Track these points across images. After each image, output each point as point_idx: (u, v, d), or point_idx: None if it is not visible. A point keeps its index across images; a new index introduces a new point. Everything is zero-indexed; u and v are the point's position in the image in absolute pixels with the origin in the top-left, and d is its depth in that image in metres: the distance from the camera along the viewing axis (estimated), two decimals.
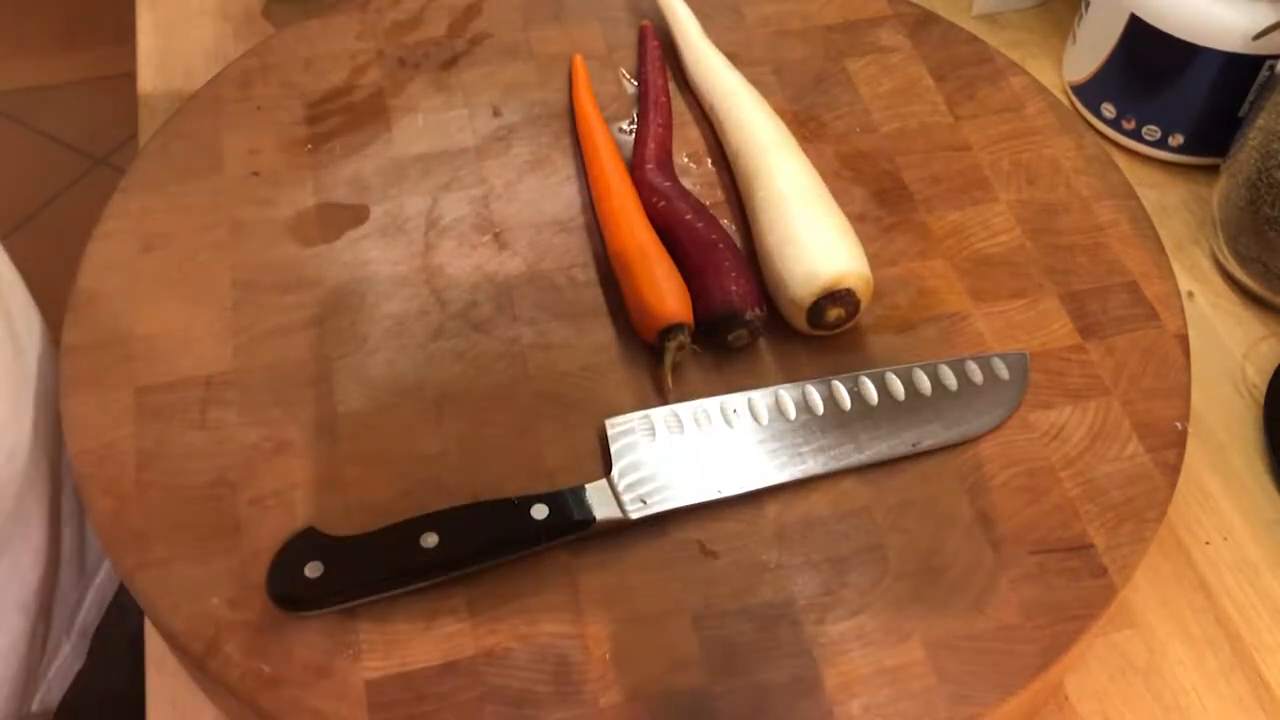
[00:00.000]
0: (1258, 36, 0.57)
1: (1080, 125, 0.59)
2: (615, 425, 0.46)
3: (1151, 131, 0.63)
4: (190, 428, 0.47)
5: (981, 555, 0.44)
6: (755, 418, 0.47)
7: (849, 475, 0.46)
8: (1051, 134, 0.59)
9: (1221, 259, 0.60)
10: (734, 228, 0.54)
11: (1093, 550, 0.44)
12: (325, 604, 0.41)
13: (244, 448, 0.46)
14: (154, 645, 0.47)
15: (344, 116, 0.58)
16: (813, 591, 0.43)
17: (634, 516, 0.44)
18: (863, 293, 0.49)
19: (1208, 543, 0.51)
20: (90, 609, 0.62)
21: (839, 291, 0.48)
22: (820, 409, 0.47)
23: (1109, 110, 0.65)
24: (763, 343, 0.50)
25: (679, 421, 0.46)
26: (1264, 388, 0.55)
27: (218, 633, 0.41)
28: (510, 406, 0.48)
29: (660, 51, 0.61)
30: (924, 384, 0.48)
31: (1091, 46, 0.64)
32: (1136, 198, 0.56)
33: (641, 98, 0.58)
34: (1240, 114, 0.60)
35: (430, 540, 0.41)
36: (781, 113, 0.57)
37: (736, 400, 0.47)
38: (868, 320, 0.51)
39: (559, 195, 0.56)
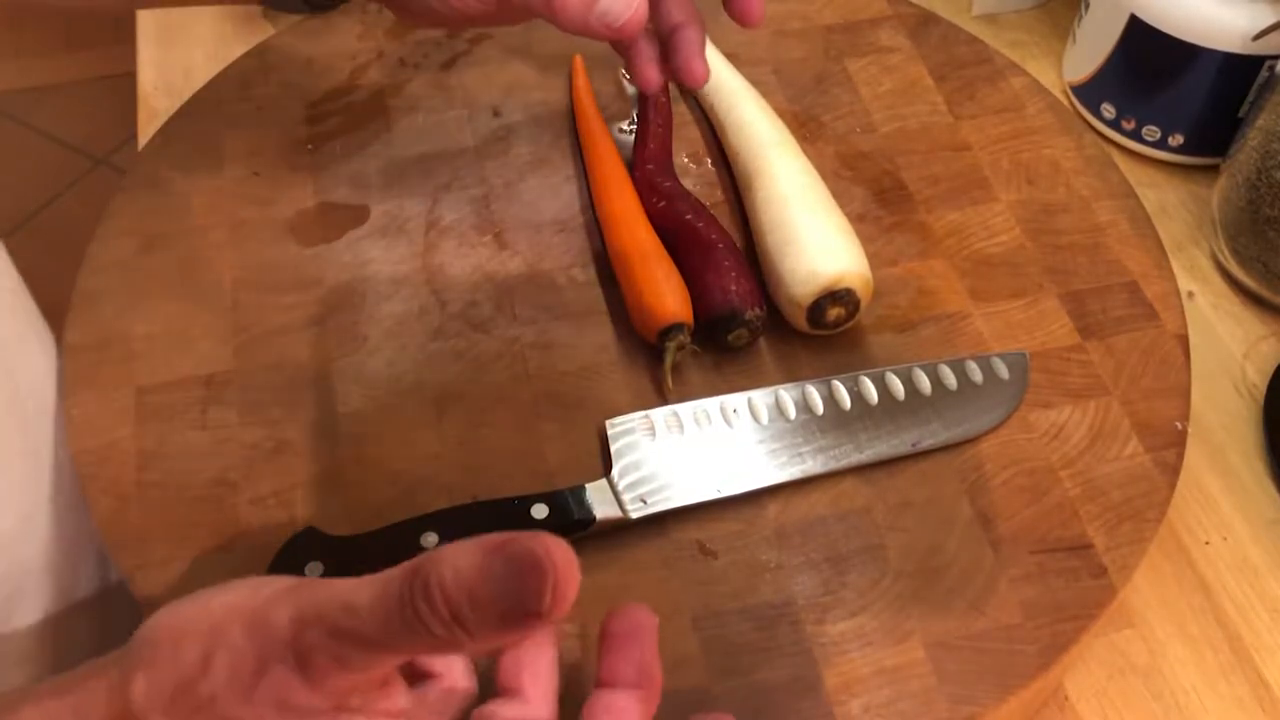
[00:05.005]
0: (1258, 36, 0.57)
1: (1080, 125, 0.59)
2: (615, 425, 0.46)
3: (1151, 131, 0.63)
4: (190, 428, 0.47)
5: (981, 555, 0.44)
6: (755, 418, 0.47)
7: (849, 475, 0.46)
8: (1051, 134, 0.59)
9: (1221, 259, 0.60)
10: (734, 228, 0.54)
11: (1092, 550, 0.44)
12: None
13: (244, 448, 0.46)
14: None
15: (344, 116, 0.58)
16: (813, 591, 0.43)
17: (634, 516, 0.44)
18: (862, 292, 0.49)
19: (1207, 543, 0.51)
20: None
21: (839, 291, 0.48)
22: (820, 409, 0.47)
23: (1109, 110, 0.65)
24: (763, 343, 0.50)
25: (679, 421, 0.46)
26: (1264, 388, 0.55)
27: None
28: (510, 406, 0.48)
29: None
30: (924, 384, 0.48)
31: (1091, 47, 0.64)
32: (1136, 198, 0.56)
33: (641, 98, 0.58)
34: (1240, 114, 0.60)
35: (430, 540, 0.41)
36: (781, 113, 0.57)
37: (736, 400, 0.47)
38: (868, 320, 0.51)
39: (559, 195, 0.56)
